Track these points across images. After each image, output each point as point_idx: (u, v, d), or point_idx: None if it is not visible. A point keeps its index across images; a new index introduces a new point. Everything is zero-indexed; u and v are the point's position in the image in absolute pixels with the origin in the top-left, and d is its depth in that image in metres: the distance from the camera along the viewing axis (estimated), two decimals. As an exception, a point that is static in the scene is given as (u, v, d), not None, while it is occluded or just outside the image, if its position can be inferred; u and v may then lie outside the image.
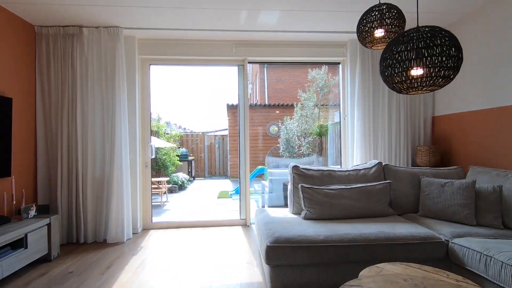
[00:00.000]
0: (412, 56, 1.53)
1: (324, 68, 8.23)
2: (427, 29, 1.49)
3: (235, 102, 10.09)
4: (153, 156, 4.02)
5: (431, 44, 1.45)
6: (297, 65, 12.29)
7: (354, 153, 3.67)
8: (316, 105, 8.29)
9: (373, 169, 2.93)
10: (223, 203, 6.17)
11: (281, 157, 8.96)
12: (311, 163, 7.81)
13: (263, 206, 4.98)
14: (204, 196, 7.16)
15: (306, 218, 2.57)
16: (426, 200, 2.70)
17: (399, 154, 3.66)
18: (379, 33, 1.88)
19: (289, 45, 3.86)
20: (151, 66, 3.92)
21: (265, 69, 12.81)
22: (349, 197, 2.61)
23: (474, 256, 1.92)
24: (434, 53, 1.43)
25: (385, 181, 2.71)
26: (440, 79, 1.43)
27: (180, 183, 7.99)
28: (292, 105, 9.52)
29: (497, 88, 2.85)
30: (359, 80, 3.63)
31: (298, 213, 2.76)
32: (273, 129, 9.87)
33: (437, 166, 3.45)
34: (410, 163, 3.69)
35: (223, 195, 7.07)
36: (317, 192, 2.63)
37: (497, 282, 1.76)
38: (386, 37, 1.86)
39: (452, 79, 1.44)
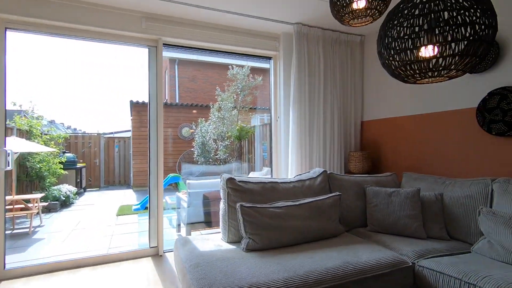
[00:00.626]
0: (428, 25, 1.08)
1: (246, 67, 7.83)
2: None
3: (140, 99, 8.69)
4: (10, 167, 2.66)
5: (453, 7, 1.03)
6: (211, 65, 11.62)
7: (290, 159, 3.24)
8: (235, 107, 7.80)
9: (319, 179, 2.52)
10: (126, 222, 4.94)
11: (195, 162, 8.09)
12: (231, 171, 7.24)
13: (179, 225, 4.09)
14: (98, 214, 5.67)
15: (249, 249, 1.92)
16: (374, 213, 2.43)
17: (333, 159, 3.42)
18: (360, 3, 1.40)
19: (215, 29, 3.17)
20: (8, 32, 2.60)
21: (176, 66, 11.68)
22: (299, 216, 2.09)
23: (452, 283, 1.64)
24: (464, 20, 1.00)
25: (335, 194, 2.32)
26: (474, 59, 1.01)
27: (64, 198, 6.19)
28: (207, 106, 8.79)
29: (426, 94, 2.86)
30: (295, 78, 3.23)
31: (237, 242, 2.09)
32: (186, 131, 8.90)
33: (369, 173, 3.33)
34: (343, 170, 3.50)
35: (124, 211, 5.75)
36: (261, 212, 2.02)
37: (481, 314, 1.50)
38: (369, 8, 1.40)
39: (483, 58, 1.04)
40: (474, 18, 0.99)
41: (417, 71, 1.12)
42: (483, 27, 0.96)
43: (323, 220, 2.16)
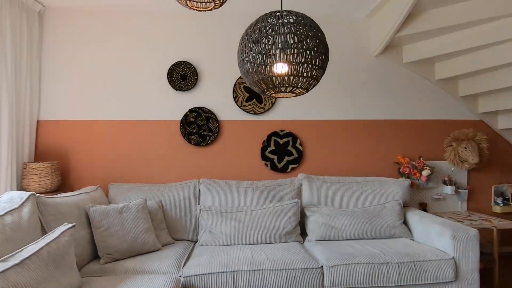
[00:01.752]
0: (276, 47, 1.20)
1: None
2: (292, 19, 1.26)
3: None
4: None
5: (298, 37, 1.25)
6: None
7: None
8: None
9: (26, 209, 1.52)
10: None
11: None
12: None
13: None
14: None
15: None
16: (108, 238, 1.93)
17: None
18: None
19: None
20: None
21: None
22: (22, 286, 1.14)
23: (219, 279, 1.78)
24: (304, 47, 1.24)
25: (67, 226, 1.53)
26: (310, 80, 1.26)
27: None
28: None
29: (130, 99, 2.79)
30: None
31: None
32: None
33: (59, 190, 2.54)
34: (16, 189, 2.32)
35: None
36: None
37: (239, 293, 1.80)
38: None
39: (318, 81, 1.32)
40: (314, 47, 1.26)
41: (271, 86, 1.19)
42: (322, 56, 1.25)
43: (62, 275, 1.35)
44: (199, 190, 2.58)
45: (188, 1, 1.17)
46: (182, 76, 2.80)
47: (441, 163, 3.01)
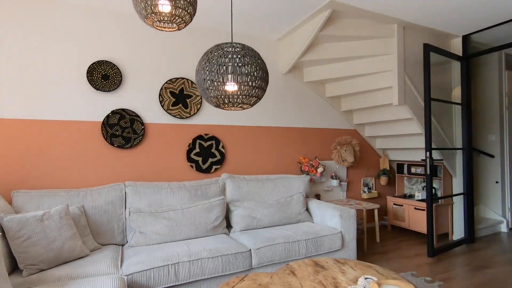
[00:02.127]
0: (228, 71, 1.52)
1: None
2: (239, 48, 1.57)
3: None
4: None
5: (246, 63, 1.58)
6: None
7: None
8: None
9: None
10: None
11: None
12: None
13: None
14: None
15: None
16: (29, 249, 1.77)
17: None
18: (165, 7, 1.33)
19: None
20: None
21: None
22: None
23: (161, 272, 1.89)
24: (249, 71, 1.58)
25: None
26: (254, 99, 1.59)
27: None
28: None
29: (41, 96, 2.53)
30: None
31: None
32: None
33: None
34: None
35: None
36: None
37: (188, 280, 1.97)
38: (174, 15, 1.36)
39: (260, 99, 1.65)
40: (257, 72, 1.59)
41: (225, 101, 1.47)
42: (262, 80, 1.59)
43: (-2, 285, 1.26)
44: (125, 193, 2.56)
45: (155, 22, 1.33)
46: (104, 76, 2.71)
47: (329, 162, 3.86)
